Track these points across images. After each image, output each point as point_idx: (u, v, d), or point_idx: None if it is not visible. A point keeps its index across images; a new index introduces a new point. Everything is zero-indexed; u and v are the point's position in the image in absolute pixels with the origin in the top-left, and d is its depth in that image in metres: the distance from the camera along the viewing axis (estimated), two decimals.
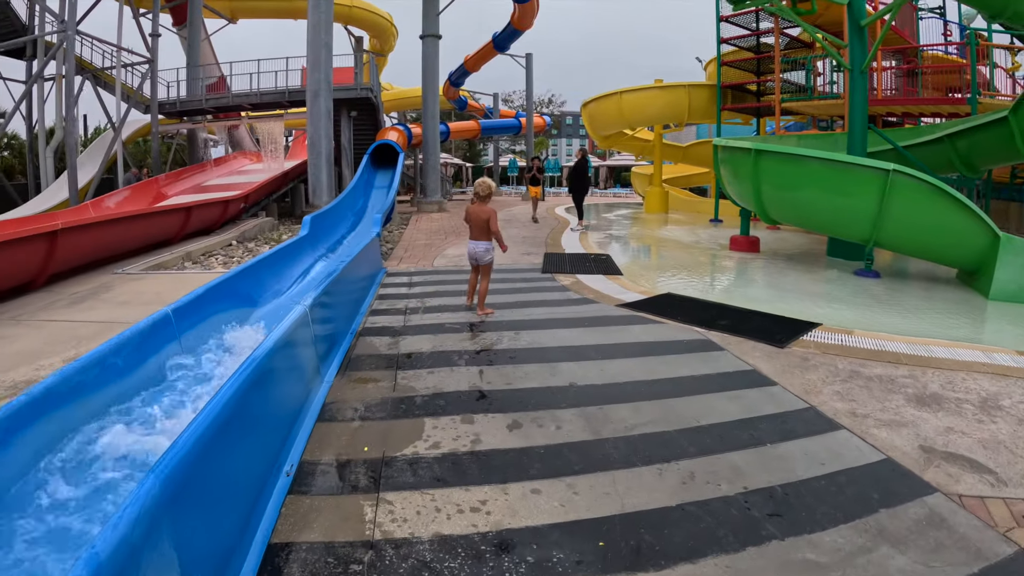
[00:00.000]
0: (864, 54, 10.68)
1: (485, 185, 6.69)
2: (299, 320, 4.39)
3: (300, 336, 4.40)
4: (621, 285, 8.10)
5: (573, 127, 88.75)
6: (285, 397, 3.89)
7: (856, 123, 10.86)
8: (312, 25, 17.11)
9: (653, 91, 20.19)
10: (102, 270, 10.58)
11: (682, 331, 5.79)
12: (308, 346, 4.57)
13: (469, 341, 5.52)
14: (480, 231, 6.59)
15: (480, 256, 6.59)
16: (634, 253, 12.66)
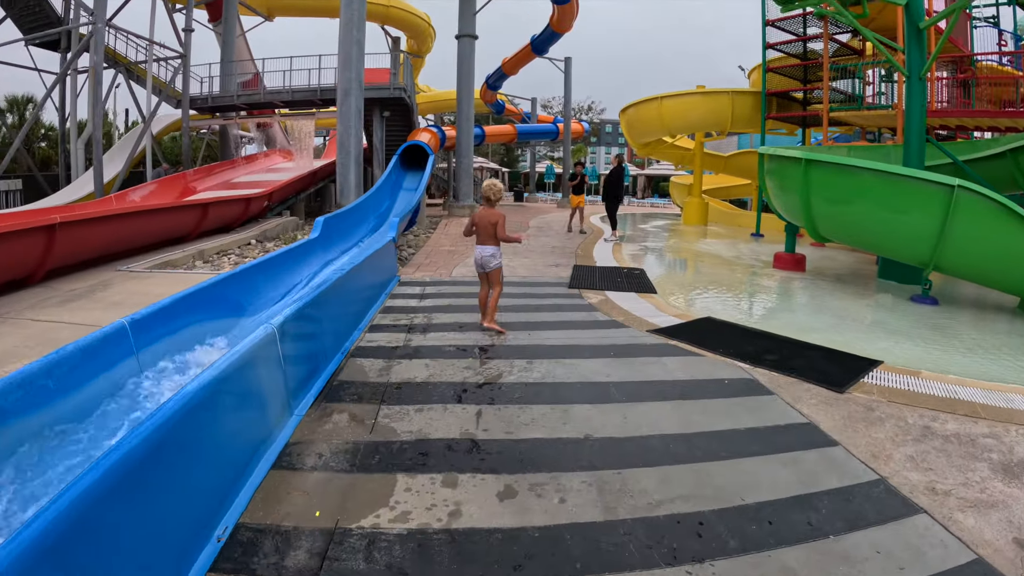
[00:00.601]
0: (922, 59, 9.70)
1: (495, 188, 6.00)
2: (261, 344, 3.66)
3: (262, 363, 3.67)
4: (655, 305, 7.25)
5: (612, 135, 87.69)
6: (229, 441, 3.16)
7: (913, 133, 9.87)
8: (344, 22, 16.58)
9: (695, 97, 19.24)
10: (108, 266, 10.13)
11: (723, 367, 4.92)
12: (274, 374, 3.83)
13: (472, 370, 4.74)
14: (487, 236, 6.00)
15: (486, 262, 5.97)
16: (670, 268, 11.78)
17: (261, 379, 3.63)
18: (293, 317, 4.26)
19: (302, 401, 4.19)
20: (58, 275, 9.22)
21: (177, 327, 5.03)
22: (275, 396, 3.81)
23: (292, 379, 4.12)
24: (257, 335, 3.69)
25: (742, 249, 14.00)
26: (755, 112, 18.00)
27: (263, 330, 3.80)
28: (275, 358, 3.89)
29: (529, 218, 21.29)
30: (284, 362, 4.01)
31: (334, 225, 10.30)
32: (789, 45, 16.79)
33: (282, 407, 3.90)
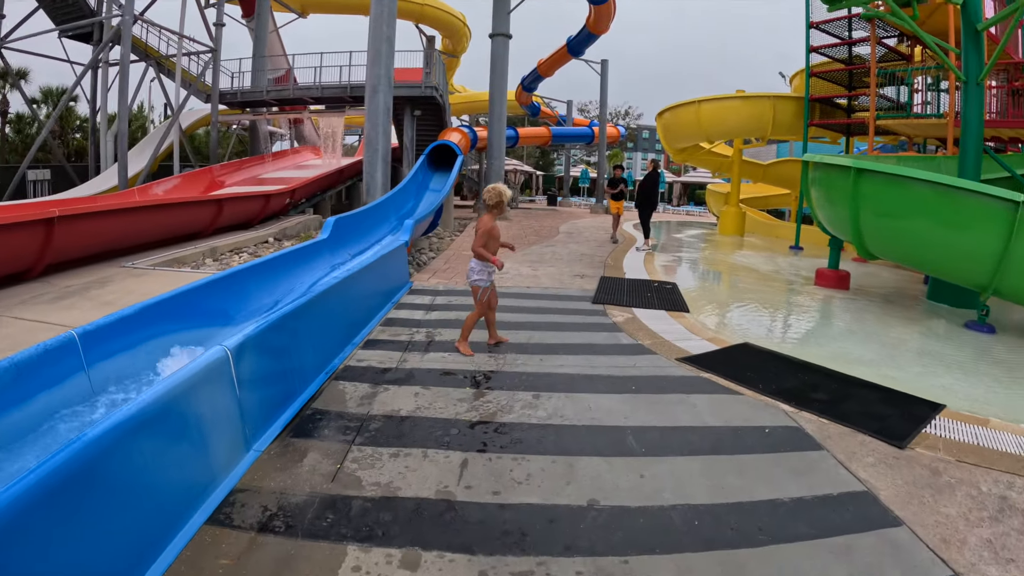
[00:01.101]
0: (981, 63, 8.78)
1: (493, 192, 5.27)
2: (206, 371, 3.08)
3: (206, 394, 3.08)
4: (686, 326, 6.52)
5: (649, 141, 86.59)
6: (146, 497, 2.56)
7: (970, 144, 8.96)
8: (374, 17, 16.11)
9: (735, 101, 18.35)
10: (113, 261, 9.75)
11: (763, 409, 4.19)
12: (224, 406, 3.24)
13: (467, 403, 4.09)
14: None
15: (468, 274, 5.36)
16: (704, 282, 10.99)
17: (204, 413, 3.04)
18: (258, 336, 3.67)
19: (265, 433, 3.59)
20: (59, 269, 8.91)
21: (143, 339, 4.48)
22: (224, 432, 3.21)
23: (253, 409, 3.53)
24: (201, 361, 3.10)
25: (780, 263, 13.13)
26: (797, 118, 17.08)
27: (211, 354, 3.22)
28: (227, 386, 3.30)
29: (560, 223, 20.62)
30: (241, 390, 3.41)
31: (347, 226, 9.75)
32: (833, 49, 15.86)
33: (234, 443, 3.30)
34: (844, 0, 12.58)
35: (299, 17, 29.06)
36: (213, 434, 3.12)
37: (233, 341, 3.44)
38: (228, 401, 3.32)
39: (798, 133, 17.32)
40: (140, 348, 4.43)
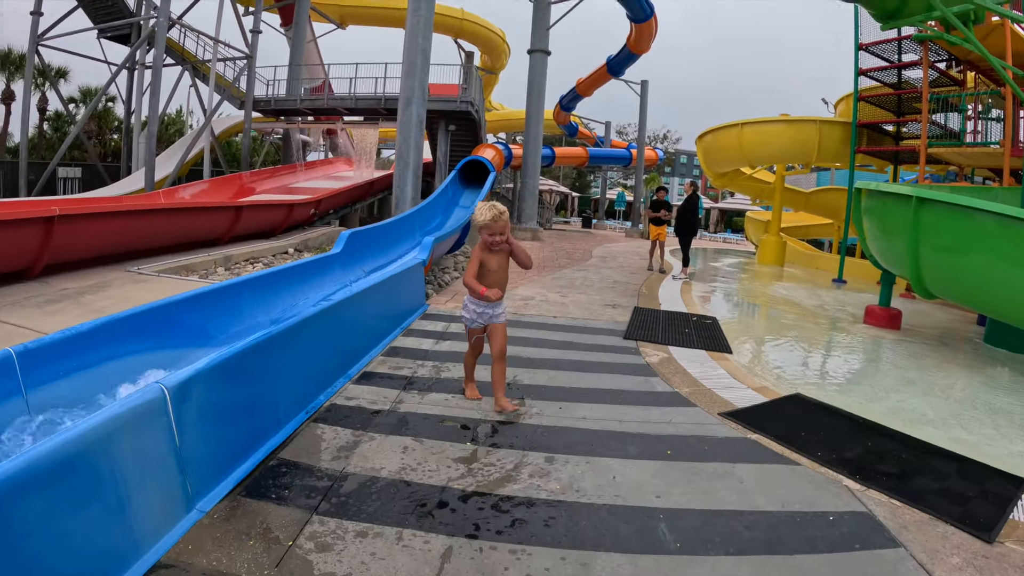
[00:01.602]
0: None
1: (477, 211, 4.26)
2: (133, 418, 2.43)
3: (131, 445, 2.44)
4: (729, 371, 5.74)
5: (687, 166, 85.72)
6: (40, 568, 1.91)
7: None
8: (410, 28, 15.72)
9: (779, 125, 17.52)
10: (118, 265, 9.32)
11: (824, 486, 3.40)
12: (158, 457, 2.61)
13: (466, 465, 3.37)
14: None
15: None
16: (745, 317, 10.17)
17: (126, 468, 2.40)
18: (213, 371, 3.02)
19: (214, 489, 2.93)
20: (61, 271, 8.51)
21: (104, 358, 3.88)
22: (154, 490, 2.56)
23: (201, 459, 2.88)
24: (126, 404, 2.46)
25: (825, 297, 12.25)
26: (843, 144, 16.24)
27: (141, 394, 2.57)
28: (163, 433, 2.65)
29: (593, 246, 19.91)
30: (184, 437, 2.77)
31: (363, 240, 9.15)
32: (882, 73, 14.97)
33: (170, 502, 2.65)
34: (900, 19, 11.80)
35: (337, 28, 29.00)
36: (138, 493, 2.47)
37: (176, 378, 2.80)
38: (163, 451, 2.67)
39: (844, 160, 16.54)
40: (99, 369, 3.83)
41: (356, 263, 8.72)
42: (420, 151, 15.96)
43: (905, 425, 4.56)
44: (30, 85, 19.50)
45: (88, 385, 3.73)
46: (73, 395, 3.62)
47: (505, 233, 4.24)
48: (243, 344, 3.31)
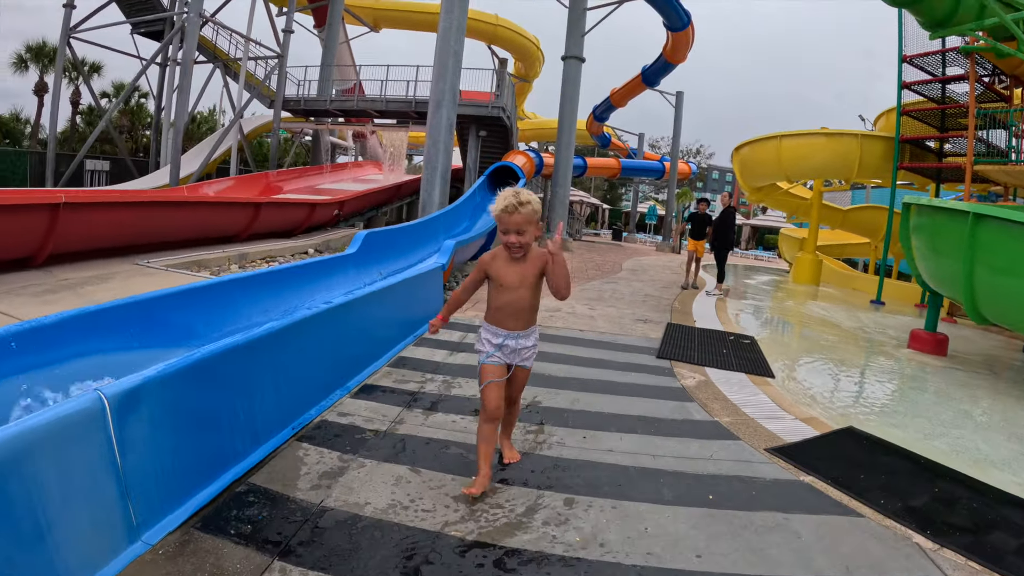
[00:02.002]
0: None
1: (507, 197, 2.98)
2: (59, 432, 1.95)
3: (57, 465, 1.96)
4: (773, 398, 5.12)
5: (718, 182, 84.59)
6: None
7: None
8: (442, 30, 15.35)
9: (819, 138, 16.76)
10: (127, 258, 8.98)
11: (893, 545, 2.79)
12: (93, 480, 2.14)
13: (468, 504, 2.81)
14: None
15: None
16: (784, 337, 9.50)
17: (45, 492, 1.91)
18: (171, 379, 2.52)
19: (166, 518, 2.44)
20: (66, 260, 8.20)
21: (64, 357, 3.41)
22: (84, 518, 2.09)
23: (151, 482, 2.39)
24: (50, 415, 1.97)
25: (864, 319, 11.52)
26: (885, 160, 15.42)
27: (73, 405, 2.08)
28: (100, 451, 2.18)
29: (623, 259, 19.30)
30: (129, 455, 2.29)
31: (381, 241, 8.68)
32: (926, 87, 14.19)
33: (108, 533, 2.19)
34: (949, 27, 11.13)
35: (371, 31, 28.84)
36: (63, 520, 2.00)
37: (121, 385, 2.30)
38: (100, 472, 2.18)
39: (885, 176, 15.77)
40: (59, 369, 3.36)
41: (372, 265, 8.24)
42: (449, 155, 15.54)
43: (970, 467, 4.00)
44: (60, 76, 19.46)
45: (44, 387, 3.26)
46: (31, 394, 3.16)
47: (525, 234, 2.93)
48: (213, 348, 2.81)
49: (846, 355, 8.02)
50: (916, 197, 8.58)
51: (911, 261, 8.60)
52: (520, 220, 2.92)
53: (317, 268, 6.63)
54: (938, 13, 10.89)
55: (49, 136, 19.55)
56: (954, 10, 10.76)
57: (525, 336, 3.10)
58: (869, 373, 7.33)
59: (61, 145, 21.96)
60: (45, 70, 26.52)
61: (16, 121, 30.31)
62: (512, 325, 3.07)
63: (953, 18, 10.89)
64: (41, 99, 26.98)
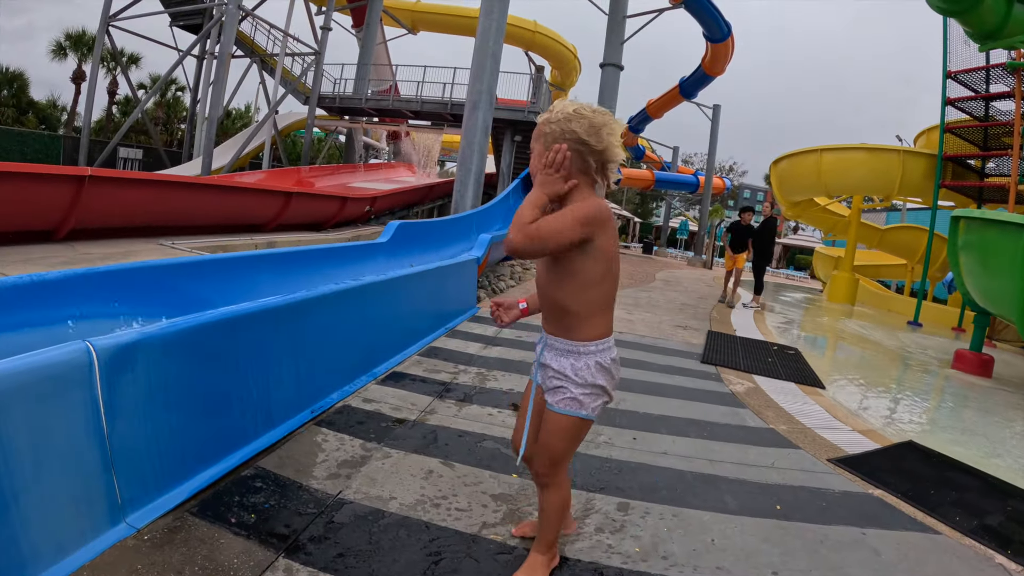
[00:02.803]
0: None
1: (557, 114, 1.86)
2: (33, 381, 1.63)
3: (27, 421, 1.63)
4: (826, 409, 4.72)
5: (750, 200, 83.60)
6: None
7: None
8: (481, 31, 15.12)
9: (860, 153, 16.23)
10: (151, 239, 8.80)
11: (976, 566, 2.42)
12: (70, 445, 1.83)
13: (508, 504, 2.42)
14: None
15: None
16: (828, 352, 9.02)
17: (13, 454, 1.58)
18: (175, 340, 2.19)
19: (157, 500, 2.11)
20: (90, 237, 8.06)
21: (63, 316, 3.12)
22: (60, 491, 1.78)
23: (140, 458, 2.07)
24: (19, 362, 1.64)
25: (903, 339, 11.04)
26: (926, 178, 14.84)
27: (54, 353, 1.76)
28: (83, 414, 1.85)
29: (656, 270, 18.88)
30: (116, 423, 1.95)
31: (413, 233, 8.36)
32: (969, 104, 13.60)
33: (87, 510, 1.88)
34: (999, 39, 10.61)
35: (408, 33, 28.78)
36: (32, 493, 1.68)
37: (115, 339, 1.97)
38: (82, 437, 1.86)
39: (925, 194, 15.22)
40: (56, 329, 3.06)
41: (403, 255, 7.92)
42: (483, 157, 15.25)
43: None
44: (98, 63, 19.54)
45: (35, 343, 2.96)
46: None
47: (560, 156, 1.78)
48: (225, 312, 2.48)
49: (890, 372, 7.61)
50: (967, 211, 8.12)
51: (958, 278, 8.14)
52: (534, 134, 1.91)
53: (346, 253, 6.33)
54: (988, 24, 10.39)
55: (84, 121, 19.65)
56: (1004, 21, 10.26)
57: (552, 347, 1.94)
58: (916, 390, 6.91)
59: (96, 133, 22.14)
60: (84, 58, 26.83)
61: (53, 108, 30.73)
62: (544, 321, 2.01)
63: (1003, 30, 10.39)
64: (78, 87, 27.30)
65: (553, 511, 1.93)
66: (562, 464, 1.92)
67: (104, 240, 8.11)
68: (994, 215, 7.47)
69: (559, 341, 1.90)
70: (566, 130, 1.79)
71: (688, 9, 21.72)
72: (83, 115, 19.96)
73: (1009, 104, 12.69)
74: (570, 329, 1.87)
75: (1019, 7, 10.16)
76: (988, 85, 13.10)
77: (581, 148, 1.80)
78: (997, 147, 13.50)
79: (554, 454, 1.90)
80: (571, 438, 1.90)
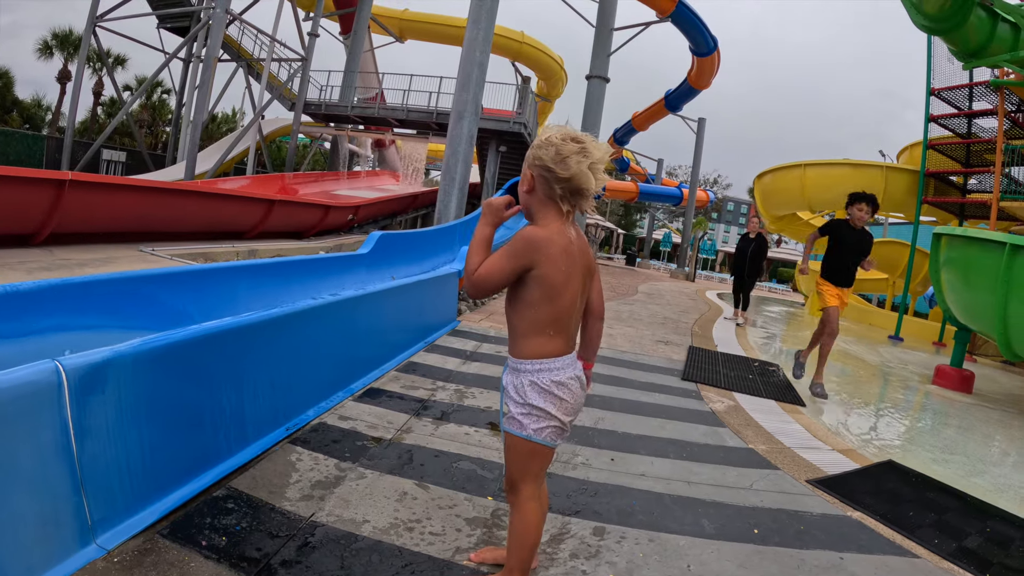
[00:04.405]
0: None
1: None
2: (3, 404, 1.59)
3: None
4: (806, 427, 4.75)
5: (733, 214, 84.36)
6: None
7: None
8: (468, 41, 15.13)
9: (843, 168, 16.53)
10: (132, 245, 8.73)
11: None
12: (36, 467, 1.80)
13: (483, 528, 2.40)
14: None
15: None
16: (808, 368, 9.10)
17: None
18: (148, 358, 2.16)
19: (128, 520, 2.08)
20: (69, 242, 7.99)
21: (35, 330, 3.06)
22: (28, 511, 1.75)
23: (111, 478, 2.03)
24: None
25: (885, 354, 11.17)
26: (908, 194, 15.11)
27: (21, 374, 1.73)
28: (52, 435, 1.83)
29: (638, 283, 18.95)
30: (86, 443, 1.93)
31: (395, 244, 8.34)
32: (951, 121, 13.86)
33: (56, 531, 1.85)
34: (983, 57, 10.81)
35: (396, 41, 28.82)
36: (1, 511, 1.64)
37: (85, 359, 1.94)
38: (51, 458, 1.82)
39: (907, 210, 15.51)
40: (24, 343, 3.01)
41: (384, 267, 7.89)
42: (468, 167, 15.24)
43: (1017, 506, 3.76)
44: (84, 63, 19.35)
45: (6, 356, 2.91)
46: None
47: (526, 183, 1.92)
48: (200, 329, 2.45)
49: (872, 388, 7.69)
50: (949, 228, 8.25)
51: (940, 295, 8.26)
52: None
53: (327, 264, 6.29)
54: (972, 42, 10.59)
55: (68, 122, 19.43)
56: (988, 40, 10.46)
57: (506, 364, 1.97)
58: (897, 407, 6.99)
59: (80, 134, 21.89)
60: (70, 58, 26.62)
61: (38, 107, 30.42)
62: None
63: (987, 48, 10.59)
64: (63, 87, 27.05)
65: (515, 535, 1.92)
66: (519, 486, 1.90)
67: (83, 245, 8.02)
68: (975, 233, 7.60)
69: (509, 358, 1.93)
70: (535, 156, 1.85)
71: (675, 23, 21.96)
72: (68, 115, 19.72)
73: (992, 121, 12.94)
74: (512, 345, 1.90)
75: (1003, 26, 10.36)
76: (971, 102, 13.35)
77: (546, 175, 1.82)
78: (979, 164, 13.77)
79: (509, 474, 1.92)
80: (521, 459, 1.89)
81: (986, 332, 7.44)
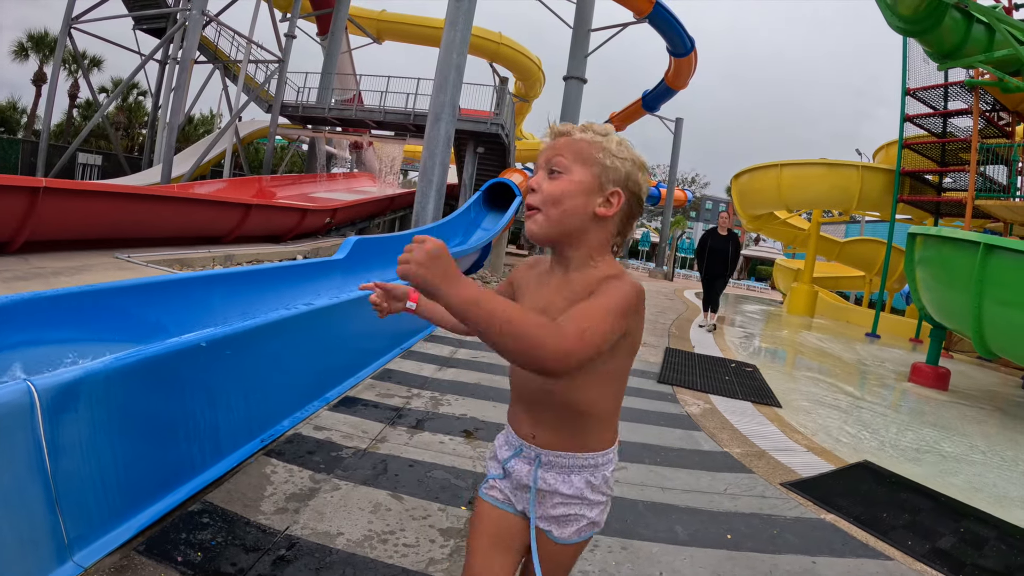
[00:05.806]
0: None
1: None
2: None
3: None
4: (782, 430, 4.83)
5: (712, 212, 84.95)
6: None
7: None
8: (445, 43, 15.14)
9: (819, 168, 16.77)
10: (108, 251, 8.64)
11: None
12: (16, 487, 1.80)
13: (455, 539, 2.43)
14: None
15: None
16: (785, 368, 9.21)
17: None
18: (120, 375, 2.17)
19: (104, 537, 2.08)
20: (44, 249, 7.89)
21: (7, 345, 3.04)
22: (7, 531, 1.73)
23: (86, 496, 2.04)
24: None
25: (861, 352, 11.34)
26: (885, 193, 15.38)
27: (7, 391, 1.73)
28: (26, 454, 1.84)
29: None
30: (61, 462, 1.94)
31: (371, 249, 8.32)
32: (927, 120, 14.13)
33: (34, 550, 1.87)
34: (958, 59, 11.03)
35: (374, 42, 28.70)
36: None
37: (57, 378, 1.94)
38: (26, 478, 1.83)
39: (883, 208, 15.76)
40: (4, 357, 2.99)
41: (361, 273, 7.87)
42: (445, 169, 15.24)
43: (991, 505, 3.83)
44: (59, 65, 19.04)
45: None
46: None
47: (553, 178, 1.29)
48: (172, 344, 2.45)
49: (848, 387, 7.78)
50: (924, 227, 8.40)
51: (915, 293, 8.41)
52: (548, 153, 1.32)
53: (302, 271, 6.28)
54: (947, 44, 10.79)
55: (43, 125, 19.12)
56: (963, 41, 10.67)
57: (554, 465, 1.37)
58: (873, 406, 7.08)
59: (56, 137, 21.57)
60: (45, 60, 26.24)
61: (12, 110, 29.97)
62: (527, 426, 1.40)
63: (962, 49, 10.80)
64: (39, 89, 26.66)
65: None
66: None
67: (59, 252, 7.93)
68: (951, 232, 7.76)
69: (566, 456, 1.35)
70: (629, 177, 1.31)
71: (652, 24, 22.13)
72: (43, 118, 19.42)
73: (967, 121, 13.19)
74: (587, 436, 1.36)
75: (978, 28, 10.55)
76: (946, 102, 13.60)
77: (634, 202, 1.34)
78: (955, 163, 14.03)
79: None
80: (577, 555, 1.46)
81: (961, 330, 7.59)
